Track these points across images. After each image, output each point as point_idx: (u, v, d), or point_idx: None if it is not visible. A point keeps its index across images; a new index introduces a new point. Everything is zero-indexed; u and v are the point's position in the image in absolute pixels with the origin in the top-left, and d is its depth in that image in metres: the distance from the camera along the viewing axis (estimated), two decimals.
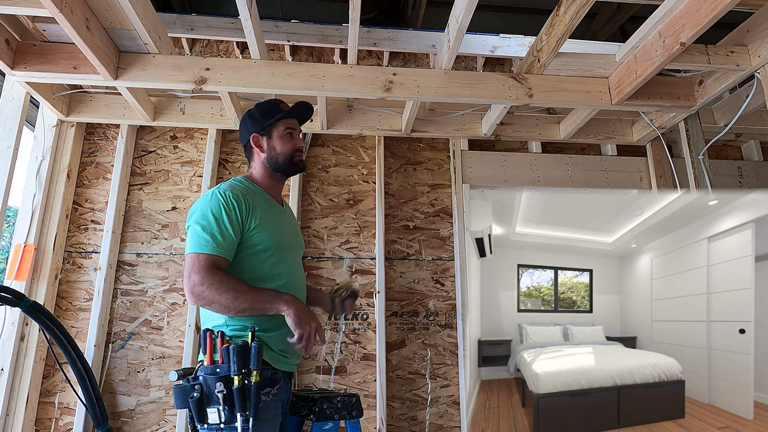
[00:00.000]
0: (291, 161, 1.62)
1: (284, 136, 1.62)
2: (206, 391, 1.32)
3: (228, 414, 1.30)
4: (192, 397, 1.30)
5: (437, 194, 2.77)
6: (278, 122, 1.63)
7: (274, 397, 1.41)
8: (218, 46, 2.62)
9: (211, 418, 1.31)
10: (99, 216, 2.52)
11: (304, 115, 1.69)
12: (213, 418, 1.31)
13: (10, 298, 1.81)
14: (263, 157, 1.62)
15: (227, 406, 1.30)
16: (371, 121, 2.67)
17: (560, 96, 2.23)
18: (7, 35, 1.97)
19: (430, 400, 2.47)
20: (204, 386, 1.32)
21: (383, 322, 2.48)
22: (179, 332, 2.42)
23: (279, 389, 1.43)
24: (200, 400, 1.31)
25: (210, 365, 1.34)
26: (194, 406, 1.31)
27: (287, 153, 1.61)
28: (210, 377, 1.32)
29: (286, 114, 1.63)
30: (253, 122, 1.63)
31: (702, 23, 1.67)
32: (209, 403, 1.31)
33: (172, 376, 1.38)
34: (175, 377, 1.38)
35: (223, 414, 1.30)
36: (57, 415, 2.29)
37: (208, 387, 1.32)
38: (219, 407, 1.30)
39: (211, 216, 1.42)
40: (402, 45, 2.48)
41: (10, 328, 2.21)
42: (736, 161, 3.00)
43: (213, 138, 2.63)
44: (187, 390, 1.32)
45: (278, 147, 1.61)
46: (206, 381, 1.32)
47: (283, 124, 1.63)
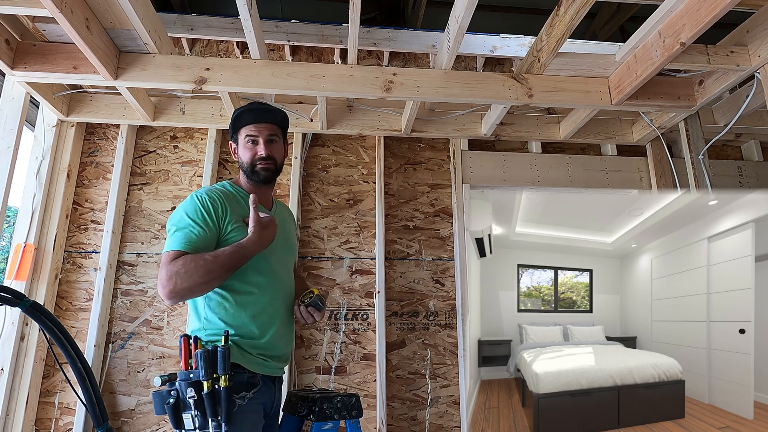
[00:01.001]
0: (252, 170, 1.61)
1: (246, 144, 1.62)
2: (181, 396, 1.33)
3: (201, 419, 1.31)
4: (168, 403, 1.33)
5: (437, 194, 2.77)
6: (241, 129, 1.63)
7: (251, 401, 1.40)
8: (218, 46, 2.62)
9: (186, 424, 1.32)
10: (99, 216, 2.52)
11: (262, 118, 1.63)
12: (188, 424, 1.32)
13: (10, 298, 1.81)
14: (239, 165, 1.67)
15: (199, 411, 1.31)
16: (371, 121, 2.67)
17: (560, 96, 2.23)
18: (7, 35, 1.97)
19: (430, 400, 2.48)
20: (179, 392, 1.34)
21: (383, 322, 2.48)
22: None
23: (257, 393, 1.43)
24: (176, 406, 1.33)
25: (185, 371, 1.35)
26: (170, 412, 1.32)
27: (248, 162, 1.61)
28: (183, 383, 1.33)
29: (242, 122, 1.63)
30: (230, 129, 1.69)
31: (702, 23, 1.67)
32: (184, 409, 1.33)
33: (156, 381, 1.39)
34: (159, 383, 1.39)
35: (197, 420, 1.31)
36: (57, 415, 2.29)
37: (183, 393, 1.33)
38: (191, 413, 1.32)
39: (186, 217, 1.45)
40: (402, 45, 2.48)
41: (10, 328, 2.21)
42: (736, 161, 3.00)
43: (213, 138, 2.63)
44: (164, 396, 1.35)
45: (241, 155, 1.63)
46: (180, 387, 1.34)
47: (245, 130, 1.62)
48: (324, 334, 2.49)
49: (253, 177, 1.62)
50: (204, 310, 1.47)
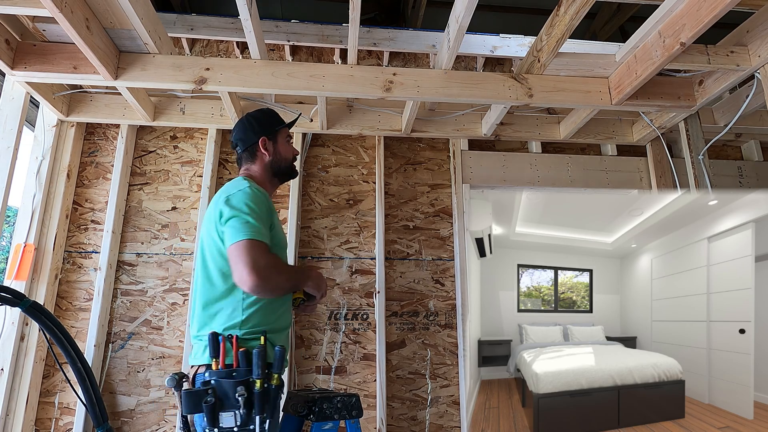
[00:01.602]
0: (290, 167, 1.76)
1: (289, 142, 1.78)
2: (220, 395, 1.33)
3: (245, 417, 1.32)
4: (207, 401, 1.31)
5: (437, 194, 2.77)
6: (282, 129, 1.76)
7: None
8: (218, 46, 2.62)
9: (225, 422, 1.32)
10: (99, 216, 2.52)
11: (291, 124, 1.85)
12: (228, 422, 1.32)
13: (10, 298, 1.81)
14: (267, 161, 1.70)
15: (246, 409, 1.32)
16: (371, 121, 2.67)
17: (560, 96, 2.22)
18: (7, 35, 1.97)
19: (430, 400, 2.48)
20: (218, 390, 1.33)
21: (383, 322, 2.48)
22: (179, 332, 2.42)
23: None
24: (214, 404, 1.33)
25: (223, 369, 1.35)
26: (208, 410, 1.32)
27: (289, 158, 1.76)
28: (226, 381, 1.33)
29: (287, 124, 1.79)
30: (262, 126, 1.72)
31: (702, 23, 1.67)
32: (223, 407, 1.33)
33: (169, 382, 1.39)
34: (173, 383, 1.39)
35: (240, 417, 1.32)
36: (57, 415, 2.29)
37: (224, 391, 1.33)
38: (237, 411, 1.32)
39: (255, 207, 1.47)
40: (402, 45, 2.48)
41: (10, 328, 2.21)
42: (736, 161, 2.99)
43: (213, 138, 2.63)
44: (201, 394, 1.33)
45: (283, 152, 1.74)
46: (221, 385, 1.33)
47: (284, 131, 1.77)
48: (324, 334, 2.49)
49: (288, 173, 1.76)
50: (242, 309, 1.46)
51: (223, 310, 1.45)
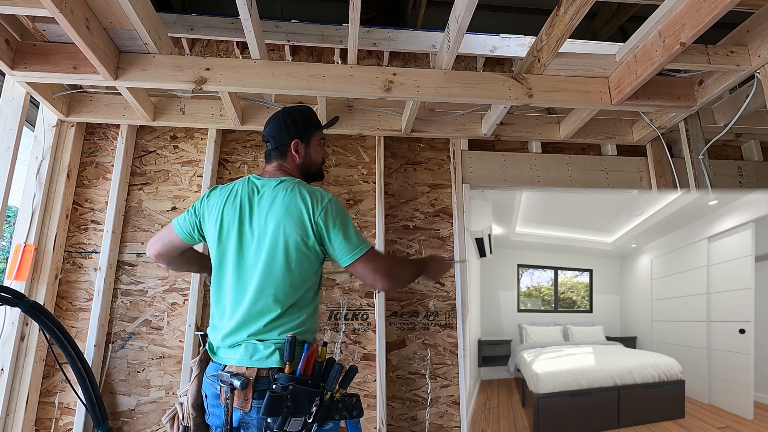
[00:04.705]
0: (319, 170, 1.77)
1: (320, 146, 1.76)
2: (299, 401, 1.36)
3: (309, 424, 1.38)
4: (288, 406, 1.34)
5: (437, 194, 2.77)
6: (317, 132, 1.74)
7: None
8: (218, 46, 2.62)
9: (292, 426, 1.36)
10: (99, 216, 2.52)
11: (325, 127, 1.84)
12: (294, 426, 1.36)
13: (10, 298, 1.81)
14: (298, 163, 1.69)
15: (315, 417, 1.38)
16: (371, 121, 2.67)
17: (560, 96, 2.22)
18: (7, 35, 1.97)
19: (430, 400, 2.48)
20: (295, 396, 1.36)
21: (383, 322, 2.48)
22: (179, 332, 2.42)
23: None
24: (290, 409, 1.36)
25: (303, 376, 1.38)
26: (285, 414, 1.34)
27: (319, 162, 1.75)
28: (302, 389, 1.36)
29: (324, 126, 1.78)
30: (296, 127, 1.69)
31: (702, 23, 1.66)
32: (296, 413, 1.35)
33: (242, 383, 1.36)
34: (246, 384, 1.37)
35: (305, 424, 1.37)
36: (57, 415, 2.29)
37: (301, 397, 1.36)
38: (306, 418, 1.37)
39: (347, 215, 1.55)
40: (402, 45, 2.48)
41: (10, 328, 2.21)
42: (736, 161, 2.99)
43: (213, 138, 2.63)
44: (282, 399, 1.34)
45: (314, 155, 1.73)
46: (297, 392, 1.36)
47: (318, 134, 1.75)
48: (324, 334, 2.49)
49: (317, 176, 1.77)
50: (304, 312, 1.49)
51: (293, 313, 1.47)
